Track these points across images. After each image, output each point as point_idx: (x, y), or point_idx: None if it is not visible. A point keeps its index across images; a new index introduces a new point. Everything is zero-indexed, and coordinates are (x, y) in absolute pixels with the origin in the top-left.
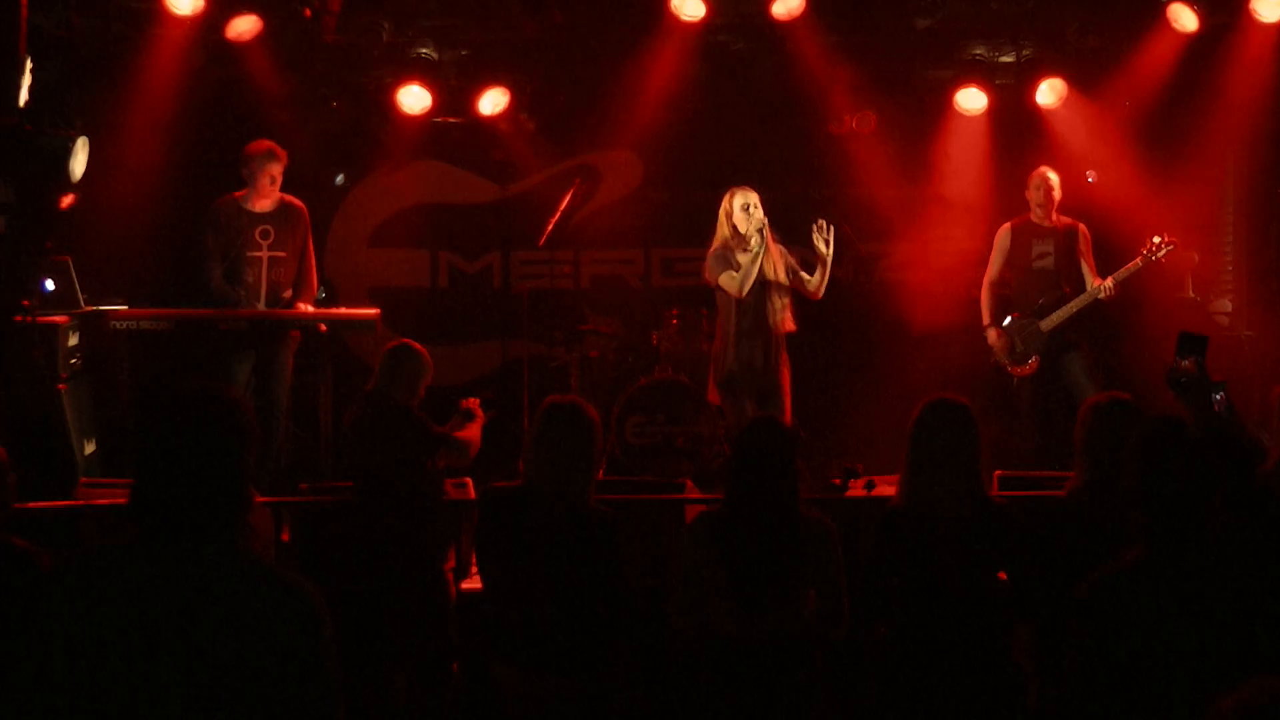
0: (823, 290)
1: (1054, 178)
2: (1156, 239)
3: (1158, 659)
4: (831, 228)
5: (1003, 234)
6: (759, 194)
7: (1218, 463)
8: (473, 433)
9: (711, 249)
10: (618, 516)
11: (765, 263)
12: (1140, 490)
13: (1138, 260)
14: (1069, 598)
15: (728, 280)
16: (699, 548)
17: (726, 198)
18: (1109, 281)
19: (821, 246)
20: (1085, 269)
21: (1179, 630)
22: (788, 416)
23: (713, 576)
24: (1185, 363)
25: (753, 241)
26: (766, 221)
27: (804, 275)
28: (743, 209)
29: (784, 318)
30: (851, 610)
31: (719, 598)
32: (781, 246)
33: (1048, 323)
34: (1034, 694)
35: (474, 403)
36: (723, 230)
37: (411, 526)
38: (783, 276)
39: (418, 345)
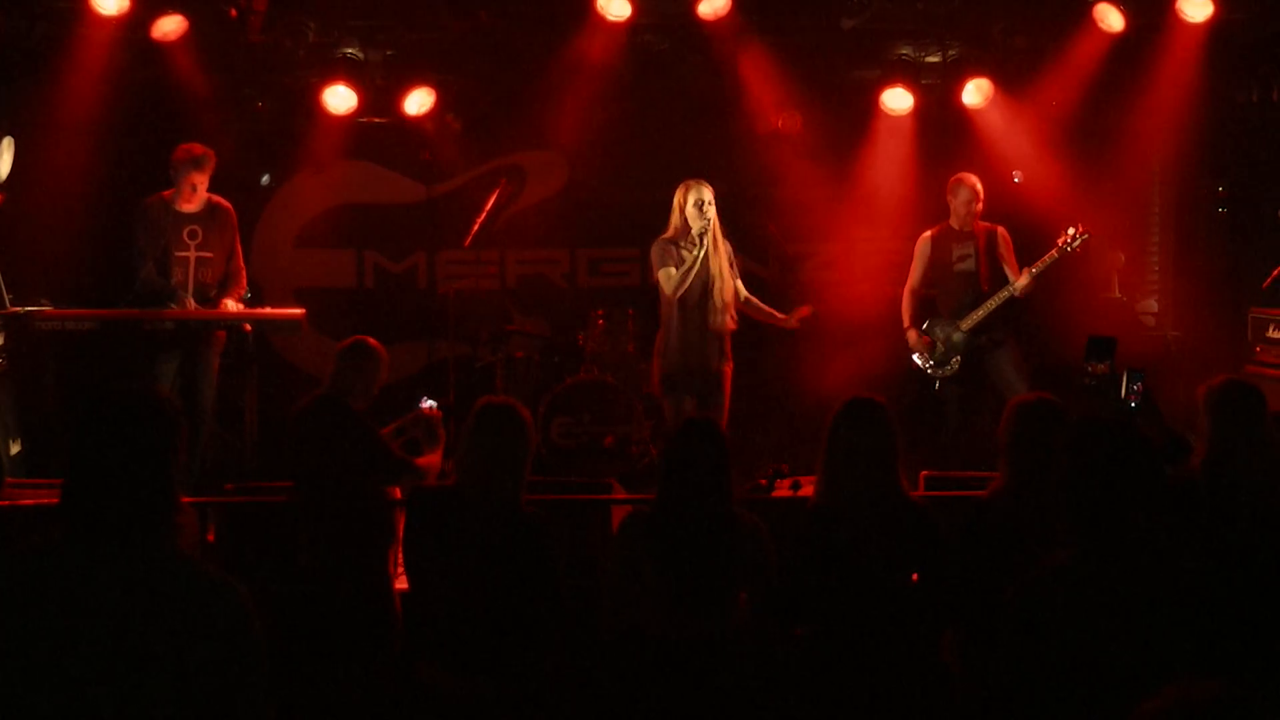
0: (747, 305)
1: (981, 187)
2: (1071, 230)
3: (1086, 660)
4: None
5: (923, 242)
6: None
7: (1146, 463)
8: (434, 460)
9: (660, 237)
10: (549, 519)
11: (711, 261)
12: (1068, 491)
13: (1053, 252)
14: (996, 598)
15: (664, 277)
16: (629, 548)
17: (681, 190)
18: (1024, 276)
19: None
20: (1006, 270)
21: (1107, 631)
22: (726, 413)
23: (644, 577)
24: (1101, 366)
25: (696, 242)
26: (717, 222)
27: (739, 283)
28: (695, 205)
29: (726, 317)
30: (773, 610)
31: (650, 598)
32: (729, 244)
33: (967, 322)
34: (961, 694)
35: (437, 414)
36: (674, 221)
37: (354, 529)
38: (727, 275)
39: (374, 342)
